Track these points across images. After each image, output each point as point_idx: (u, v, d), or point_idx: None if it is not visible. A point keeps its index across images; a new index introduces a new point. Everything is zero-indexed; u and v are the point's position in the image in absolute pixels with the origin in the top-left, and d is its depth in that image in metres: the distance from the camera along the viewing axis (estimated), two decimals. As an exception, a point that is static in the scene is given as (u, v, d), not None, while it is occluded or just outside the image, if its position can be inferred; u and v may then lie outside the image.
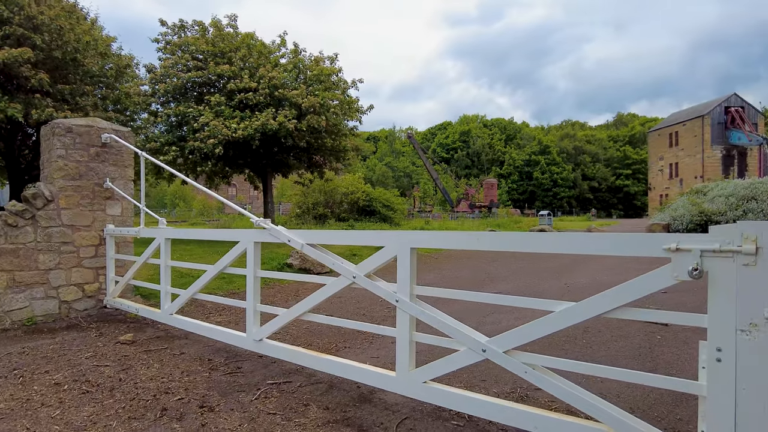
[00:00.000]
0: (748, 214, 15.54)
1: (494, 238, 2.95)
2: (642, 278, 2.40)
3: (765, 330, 2.06)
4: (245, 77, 12.92)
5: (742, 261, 2.09)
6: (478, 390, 3.67)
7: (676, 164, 54.45)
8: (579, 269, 10.29)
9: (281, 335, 5.41)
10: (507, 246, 2.91)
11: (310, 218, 25.27)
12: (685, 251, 2.24)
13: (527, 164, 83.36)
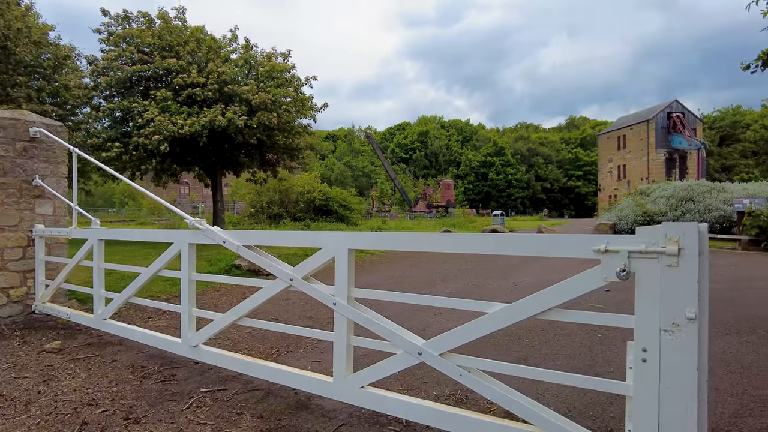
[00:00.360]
0: (686, 214, 16.36)
1: (437, 239, 2.89)
2: (573, 280, 2.39)
3: (687, 330, 2.08)
4: (193, 72, 12.47)
5: (666, 262, 2.11)
6: (419, 393, 3.62)
7: (624, 166, 56.80)
8: (528, 268, 10.48)
9: (222, 340, 5.21)
10: (447, 247, 2.86)
11: (265, 218, 24.78)
12: (614, 252, 2.24)
13: (483, 165, 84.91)
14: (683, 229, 2.10)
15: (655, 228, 2.18)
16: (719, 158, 76.28)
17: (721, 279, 8.95)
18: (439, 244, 2.87)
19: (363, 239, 3.19)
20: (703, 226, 2.12)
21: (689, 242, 2.08)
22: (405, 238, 3.01)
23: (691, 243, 2.07)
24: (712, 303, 5.89)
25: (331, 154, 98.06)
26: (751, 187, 17.08)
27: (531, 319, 2.54)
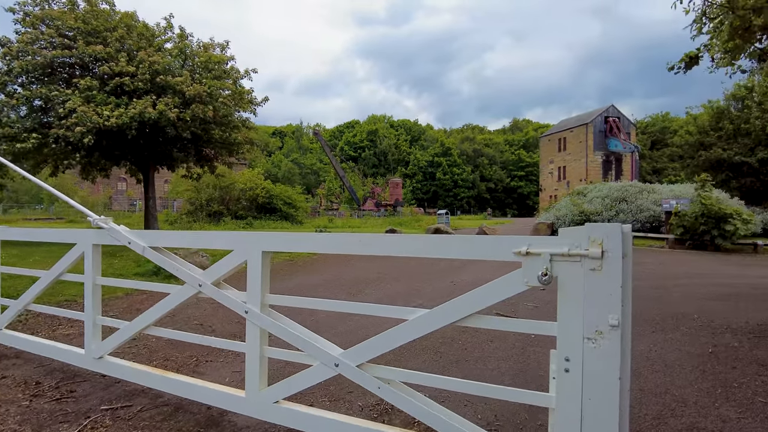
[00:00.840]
0: (620, 214, 17.05)
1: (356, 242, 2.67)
2: (494, 284, 2.24)
3: (610, 337, 1.96)
4: (122, 60, 11.63)
5: (589, 265, 1.98)
6: (343, 404, 3.40)
7: (564, 167, 58.99)
8: (468, 268, 10.49)
9: (138, 349, 4.79)
10: (365, 249, 2.64)
11: (204, 216, 23.84)
12: (535, 255, 2.10)
13: (430, 165, 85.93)
14: (607, 231, 1.98)
15: (578, 229, 2.06)
16: (650, 161, 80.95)
17: (650, 277, 9.29)
18: (356, 246, 2.65)
19: (277, 240, 2.92)
20: (626, 228, 2.01)
21: (613, 244, 1.95)
22: (321, 240, 2.77)
23: (615, 245, 1.95)
24: (640, 301, 6.01)
25: (279, 151, 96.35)
26: (677, 189, 18.07)
27: (450, 326, 2.36)
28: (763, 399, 3.53)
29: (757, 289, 7.85)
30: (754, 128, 19.02)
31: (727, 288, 7.97)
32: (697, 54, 5.69)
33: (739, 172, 19.69)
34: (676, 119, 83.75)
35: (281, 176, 75.97)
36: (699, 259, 12.27)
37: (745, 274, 9.85)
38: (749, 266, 11.24)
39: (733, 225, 12.89)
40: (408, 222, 30.85)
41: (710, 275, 9.60)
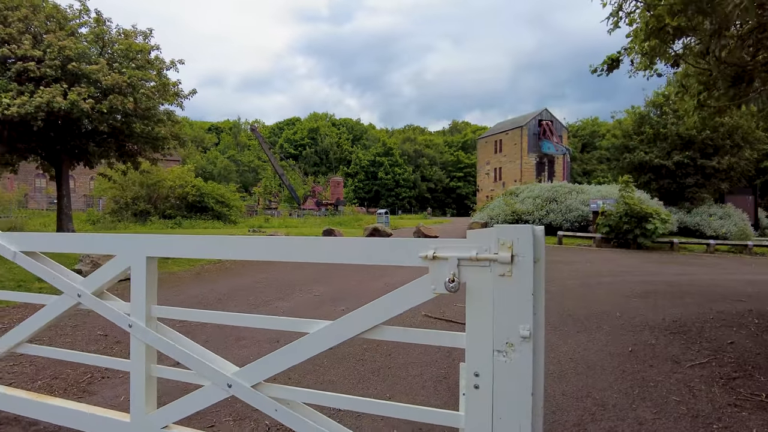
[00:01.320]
0: (550, 214, 17.60)
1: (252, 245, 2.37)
2: (400, 292, 2.03)
3: (521, 350, 1.78)
4: (26, 43, 10.55)
5: (498, 271, 1.79)
6: (248, 423, 3.09)
7: (500, 169, 60.74)
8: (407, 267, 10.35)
9: (21, 367, 4.24)
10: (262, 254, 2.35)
11: (129, 215, 22.44)
12: (442, 260, 1.89)
13: (373, 164, 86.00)
14: (517, 233, 1.80)
15: (487, 232, 1.87)
16: (581, 163, 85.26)
17: (578, 275, 9.54)
18: (253, 251, 2.36)
19: (166, 244, 2.57)
20: (538, 230, 1.84)
21: (523, 248, 1.78)
22: (214, 244, 2.45)
23: (526, 249, 1.78)
24: (569, 300, 6.02)
25: (215, 147, 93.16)
26: (604, 190, 18.93)
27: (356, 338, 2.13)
28: (677, 398, 3.55)
29: (672, 287, 8.22)
30: (670, 133, 20.26)
31: (647, 285, 8.29)
32: (617, 57, 5.84)
33: (658, 174, 20.93)
34: (605, 124, 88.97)
35: (217, 174, 73.40)
36: (623, 257, 12.82)
37: (662, 271, 10.35)
38: (666, 264, 11.86)
39: (653, 224, 13.62)
40: (348, 221, 30.54)
41: (632, 273, 10.00)
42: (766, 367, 4.29)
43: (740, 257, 14.54)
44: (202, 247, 2.46)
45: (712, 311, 6.28)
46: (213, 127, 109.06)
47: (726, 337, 5.13)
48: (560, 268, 10.66)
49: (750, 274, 10.55)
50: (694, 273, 10.17)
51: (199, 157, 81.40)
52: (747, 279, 9.56)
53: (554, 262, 11.63)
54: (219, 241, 2.39)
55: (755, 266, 12.28)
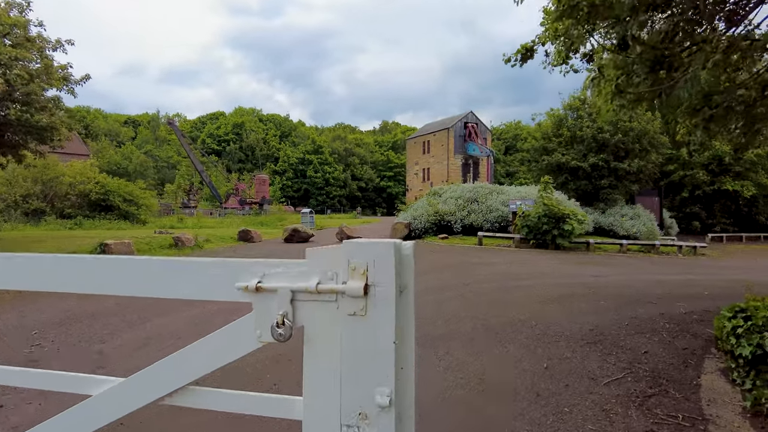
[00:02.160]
0: (471, 214, 17.56)
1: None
2: (215, 338, 1.35)
3: (379, 424, 1.16)
4: None
5: (348, 308, 1.16)
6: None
7: (428, 169, 61.46)
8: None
9: None
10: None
11: (19, 214, 19.97)
12: (269, 292, 1.23)
13: (302, 162, 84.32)
14: (374, 253, 1.17)
15: (333, 251, 1.23)
16: (504, 165, 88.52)
17: (494, 278, 9.29)
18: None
19: None
20: (406, 247, 1.22)
21: (383, 274, 1.15)
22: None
23: (387, 275, 1.16)
24: (485, 307, 5.53)
25: (131, 142, 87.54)
26: (524, 190, 19.21)
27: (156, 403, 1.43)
28: (593, 426, 3.15)
29: (588, 289, 8.13)
30: (586, 136, 21.02)
31: (564, 289, 8.14)
32: (532, 46, 5.52)
33: (575, 176, 21.66)
34: (527, 127, 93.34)
35: (132, 170, 68.75)
36: (541, 258, 12.87)
37: (579, 273, 10.37)
38: (583, 264, 12.00)
39: (570, 225, 13.84)
40: (270, 221, 29.18)
41: (550, 275, 9.92)
42: (678, 380, 4.05)
43: (649, 256, 15.18)
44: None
45: (627, 316, 6.13)
46: (130, 120, 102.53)
47: (641, 346, 4.91)
48: (478, 269, 10.42)
49: (659, 274, 10.86)
50: (609, 274, 10.27)
51: (112, 152, 76.05)
52: (656, 279, 9.76)
53: (473, 263, 11.40)
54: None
55: (662, 266, 12.78)
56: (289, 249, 15.19)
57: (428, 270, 10.35)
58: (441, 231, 18.09)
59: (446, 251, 14.08)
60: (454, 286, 8.32)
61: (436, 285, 8.42)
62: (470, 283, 8.63)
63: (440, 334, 5.27)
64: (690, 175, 26.70)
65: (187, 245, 15.13)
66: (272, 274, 1.25)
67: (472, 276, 9.46)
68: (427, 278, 9.21)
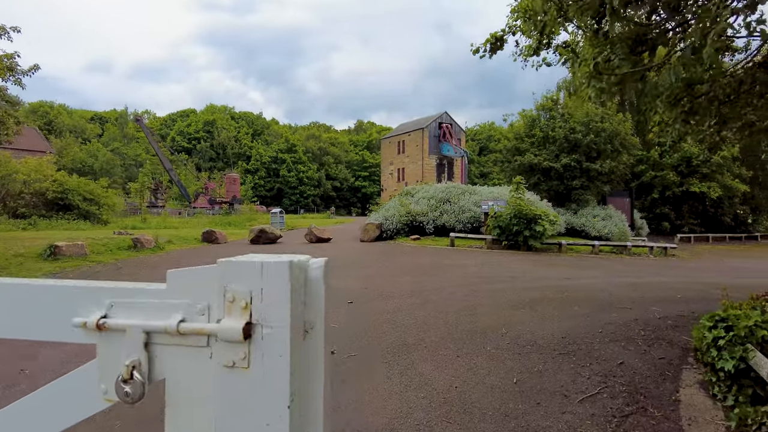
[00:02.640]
0: (444, 215, 17.27)
1: None
2: (47, 393, 0.93)
3: None
4: None
5: (224, 357, 0.75)
6: None
7: (403, 169, 61.27)
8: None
9: None
10: None
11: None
12: (116, 332, 0.82)
13: (275, 161, 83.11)
14: (263, 276, 0.77)
15: (203, 272, 0.81)
16: (479, 165, 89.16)
17: (465, 281, 8.98)
18: None
19: None
20: (315, 266, 0.83)
21: (276, 308, 0.76)
22: None
23: (280, 309, 0.77)
24: (452, 315, 5.16)
25: (98, 139, 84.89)
26: (496, 191, 19.03)
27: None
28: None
29: (561, 293, 7.89)
30: (558, 136, 21.01)
31: (536, 292, 7.89)
32: (502, 35, 5.20)
33: (547, 176, 21.64)
34: (501, 128, 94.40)
35: (98, 168, 66.60)
36: (513, 260, 12.67)
37: (551, 275, 10.17)
38: (555, 266, 11.83)
39: (542, 226, 13.69)
40: (239, 221, 28.32)
41: (521, 278, 9.68)
42: (656, 395, 3.78)
43: (621, 257, 15.15)
44: None
45: (600, 322, 5.88)
46: (96, 116, 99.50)
47: (616, 356, 4.64)
48: (449, 272, 10.12)
49: (631, 276, 10.74)
50: (581, 277, 10.10)
51: (77, 149, 73.56)
52: (629, 282, 9.61)
53: (444, 265, 11.09)
54: None
55: (635, 267, 12.72)
56: (253, 251, 14.64)
57: (397, 273, 10.00)
58: (413, 232, 17.77)
59: (417, 252, 13.77)
60: (423, 290, 7.98)
61: (404, 289, 8.07)
62: (439, 287, 8.30)
63: (404, 345, 4.91)
64: (660, 176, 27.11)
65: (146, 246, 14.44)
66: (122, 305, 0.84)
67: (442, 279, 9.15)
68: (396, 282, 8.86)
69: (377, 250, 14.58)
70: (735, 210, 29.35)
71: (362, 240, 17.33)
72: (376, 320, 5.92)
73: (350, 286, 8.26)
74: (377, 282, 8.79)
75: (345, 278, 9.13)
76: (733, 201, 28.54)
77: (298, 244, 16.39)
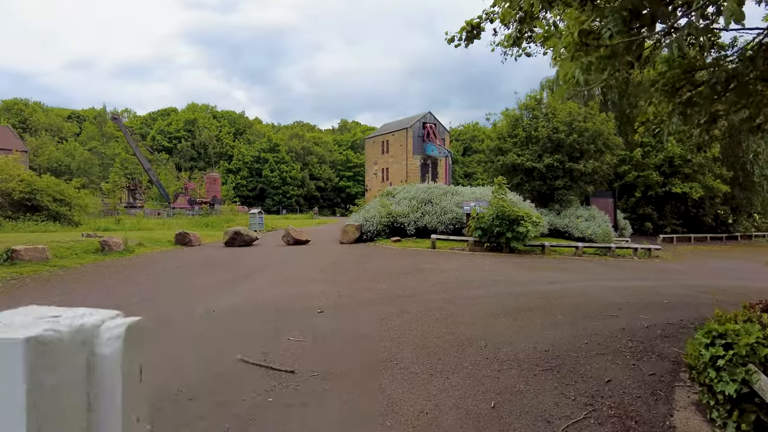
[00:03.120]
0: (425, 216, 16.86)
1: None
2: None
3: None
4: None
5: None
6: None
7: (387, 169, 60.82)
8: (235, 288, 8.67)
9: None
10: None
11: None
12: None
13: (257, 161, 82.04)
14: None
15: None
16: (463, 166, 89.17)
17: (445, 287, 8.56)
18: None
19: None
20: (111, 334, 0.46)
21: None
22: None
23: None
24: (429, 324, 4.34)
25: (76, 138, 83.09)
26: (478, 192, 18.66)
27: None
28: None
29: (544, 300, 7.51)
30: (541, 136, 20.74)
31: (519, 299, 7.50)
32: (479, 23, 4.78)
33: (530, 176, 21.36)
34: (484, 129, 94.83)
35: (75, 167, 65.08)
36: (495, 263, 12.32)
37: (534, 279, 9.81)
38: (539, 270, 11.49)
39: (524, 227, 13.33)
40: (217, 222, 27.51)
41: (504, 282, 9.31)
42: (649, 419, 3.39)
43: (605, 260, 14.86)
44: None
45: (586, 332, 5.50)
46: (74, 114, 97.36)
47: (603, 372, 4.25)
48: (429, 277, 9.71)
49: (616, 279, 10.43)
50: (565, 281, 9.76)
51: (53, 148, 71.80)
52: (614, 286, 9.29)
53: (424, 269, 10.67)
54: None
55: (620, 270, 12.44)
56: (227, 254, 14.10)
57: (374, 277, 9.56)
58: (394, 233, 17.33)
59: (397, 255, 13.34)
60: (400, 297, 7.55)
61: (380, 297, 7.63)
62: (418, 293, 7.87)
63: (374, 363, 4.47)
64: (643, 177, 26.94)
65: (115, 250, 13.78)
66: None
67: (421, 285, 8.73)
68: (372, 288, 8.42)
69: (356, 252, 14.13)
70: (716, 210, 29.43)
71: (342, 242, 16.85)
72: (345, 332, 5.47)
73: (324, 292, 7.80)
74: (353, 288, 8.34)
75: (319, 284, 8.67)
76: (714, 201, 28.60)
77: (275, 246, 15.85)
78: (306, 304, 6.95)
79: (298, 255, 13.51)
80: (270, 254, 13.79)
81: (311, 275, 9.75)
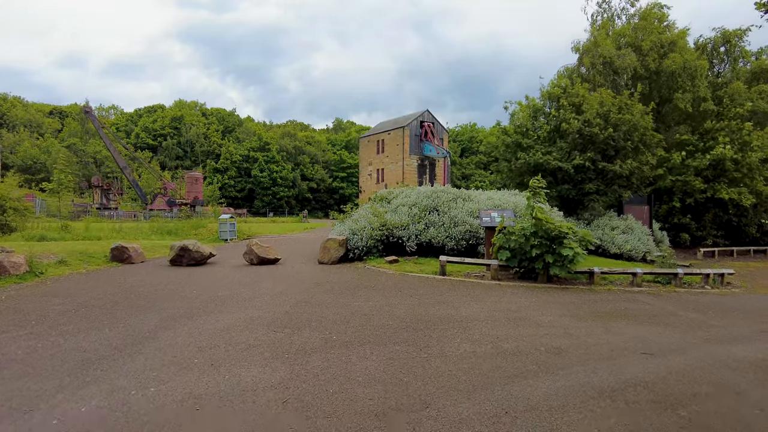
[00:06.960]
0: (430, 228, 13.04)
1: None
2: None
3: None
4: None
5: None
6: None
7: (383, 170, 57.20)
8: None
9: None
10: None
11: None
12: None
13: (246, 160, 78.16)
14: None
15: None
16: (460, 167, 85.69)
17: (473, 368, 4.84)
18: None
19: None
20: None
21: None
22: None
23: None
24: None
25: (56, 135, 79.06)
26: (498, 197, 14.65)
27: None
28: None
29: (657, 401, 3.83)
30: (572, 130, 17.04)
31: (609, 403, 3.82)
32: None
33: (556, 179, 17.69)
34: (482, 130, 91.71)
35: (50, 165, 61.08)
36: (539, 305, 8.62)
37: (619, 344, 6.11)
38: (609, 319, 7.77)
39: (570, 248, 9.60)
40: (184, 229, 23.56)
41: (578, 356, 5.62)
42: None
43: (676, 293, 10.59)
44: None
45: None
46: (56, 110, 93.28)
47: None
48: (444, 338, 6.03)
49: (728, 341, 6.67)
50: (665, 349, 5.95)
51: (28, 145, 67.80)
52: (735, 357, 5.59)
53: (433, 321, 6.87)
54: None
55: (715, 316, 8.67)
56: (160, 281, 10.41)
57: (356, 341, 5.87)
58: (390, 250, 13.53)
59: (394, 288, 9.59)
60: (402, 411, 3.88)
61: (360, 400, 3.96)
62: (433, 397, 4.20)
63: None
64: (682, 181, 23.30)
65: (12, 273, 10.13)
66: None
67: (433, 366, 5.04)
68: (348, 373, 4.74)
69: (337, 280, 10.43)
70: (760, 219, 25.73)
71: (321, 261, 13.04)
72: None
73: (258, 389, 4.16)
74: (313, 373, 4.68)
75: (258, 362, 4.99)
76: (758, 209, 24.99)
77: (232, 268, 12.06)
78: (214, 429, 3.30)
79: (255, 286, 9.80)
80: (216, 283, 10.06)
81: (255, 335, 6.06)
